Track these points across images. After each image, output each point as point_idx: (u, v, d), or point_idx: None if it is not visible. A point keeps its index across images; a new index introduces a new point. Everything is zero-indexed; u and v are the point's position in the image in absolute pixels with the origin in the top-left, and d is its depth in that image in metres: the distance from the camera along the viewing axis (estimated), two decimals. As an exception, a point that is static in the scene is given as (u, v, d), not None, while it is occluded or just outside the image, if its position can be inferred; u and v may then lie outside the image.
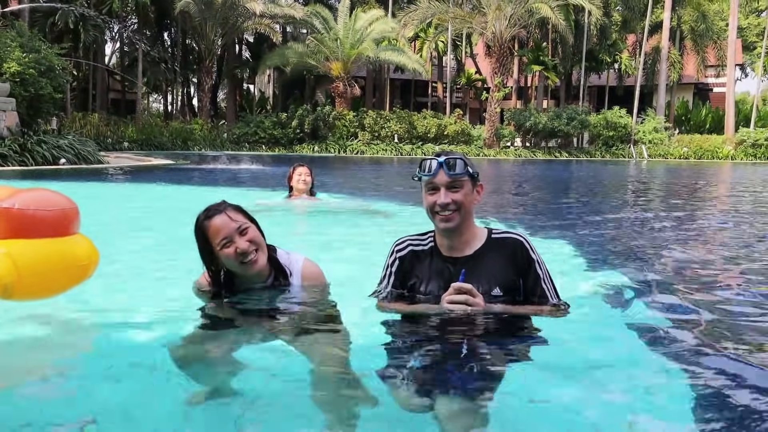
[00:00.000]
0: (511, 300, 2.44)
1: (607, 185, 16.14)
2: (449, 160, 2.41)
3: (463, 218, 2.42)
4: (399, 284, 2.57)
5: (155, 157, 22.31)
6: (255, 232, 2.56)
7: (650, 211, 9.09)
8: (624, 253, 5.03)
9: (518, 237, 2.52)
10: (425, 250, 2.54)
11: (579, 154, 39.32)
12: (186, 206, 8.38)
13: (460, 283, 2.35)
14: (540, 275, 2.47)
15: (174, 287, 3.07)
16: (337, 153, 33.97)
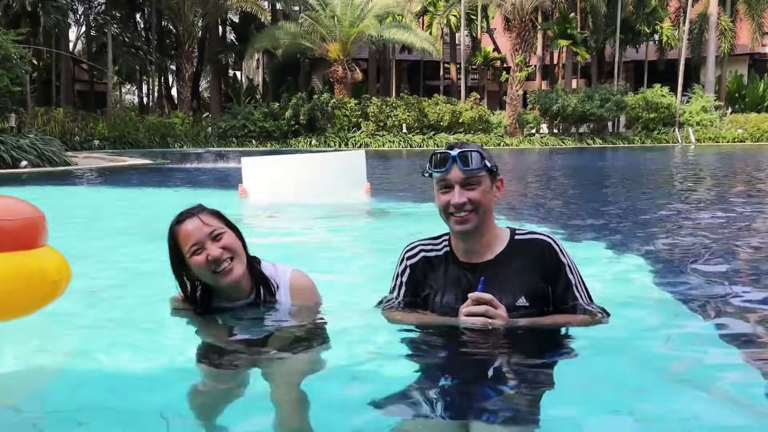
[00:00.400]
0: (538, 310, 2.44)
1: (649, 176, 16.05)
2: (464, 153, 2.39)
3: (481, 219, 2.41)
4: (411, 296, 2.57)
5: (130, 157, 22.40)
6: (231, 239, 2.56)
7: (700, 205, 9.03)
8: (671, 257, 5.01)
9: (545, 237, 2.51)
10: (439, 256, 2.54)
11: (615, 141, 39.16)
12: (168, 212, 8.40)
13: (478, 293, 2.34)
14: (572, 281, 2.46)
15: (151, 306, 3.08)
16: (337, 146, 34.00)
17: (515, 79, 38.08)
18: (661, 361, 2.59)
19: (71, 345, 2.85)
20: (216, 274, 2.51)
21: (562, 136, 39.37)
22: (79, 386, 2.41)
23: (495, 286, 2.38)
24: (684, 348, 2.77)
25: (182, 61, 38.56)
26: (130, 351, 2.68)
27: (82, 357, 2.68)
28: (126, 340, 2.80)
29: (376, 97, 38.67)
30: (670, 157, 25.88)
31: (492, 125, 38.68)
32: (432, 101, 38.31)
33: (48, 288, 2.42)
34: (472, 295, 2.34)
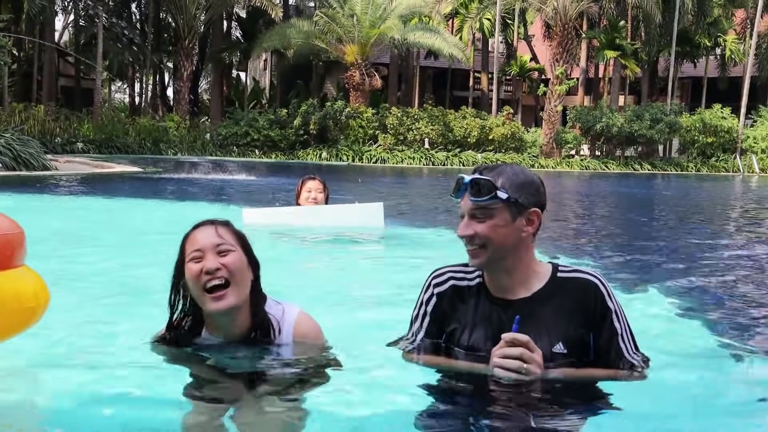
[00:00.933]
0: (576, 359, 2.41)
1: (707, 209, 15.96)
2: (477, 180, 2.40)
3: (494, 256, 2.40)
4: (435, 330, 2.56)
5: (117, 163, 22.59)
6: (237, 261, 2.56)
7: (764, 245, 8.95)
8: (734, 306, 4.95)
9: (592, 277, 2.48)
10: (471, 287, 2.53)
11: (666, 167, 39.00)
12: (158, 227, 8.44)
13: (513, 334, 2.31)
14: (618, 330, 2.43)
15: (135, 326, 3.08)
16: (350, 161, 34.12)
17: (554, 93, 38.10)
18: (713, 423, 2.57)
19: (44, 372, 2.86)
20: (205, 294, 2.51)
21: (606, 159, 39.25)
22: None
23: (530, 328, 2.35)
24: (739, 409, 2.73)
25: (181, 59, 38.96)
26: (111, 378, 2.70)
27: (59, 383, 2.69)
28: (107, 363, 2.82)
29: (397, 107, 38.85)
30: (731, 188, 25.70)
31: (526, 144, 38.67)
32: (459, 114, 38.39)
33: (23, 315, 2.41)
34: (507, 336, 2.32)
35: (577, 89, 43.37)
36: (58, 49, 43.57)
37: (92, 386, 2.68)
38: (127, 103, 55.05)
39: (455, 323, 2.52)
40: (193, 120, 39.42)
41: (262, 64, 52.61)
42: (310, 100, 37.42)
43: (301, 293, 4.62)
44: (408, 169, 32.32)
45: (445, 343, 2.55)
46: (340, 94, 42.48)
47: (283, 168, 27.13)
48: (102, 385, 2.69)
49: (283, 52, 41.53)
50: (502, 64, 47.96)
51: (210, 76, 49.12)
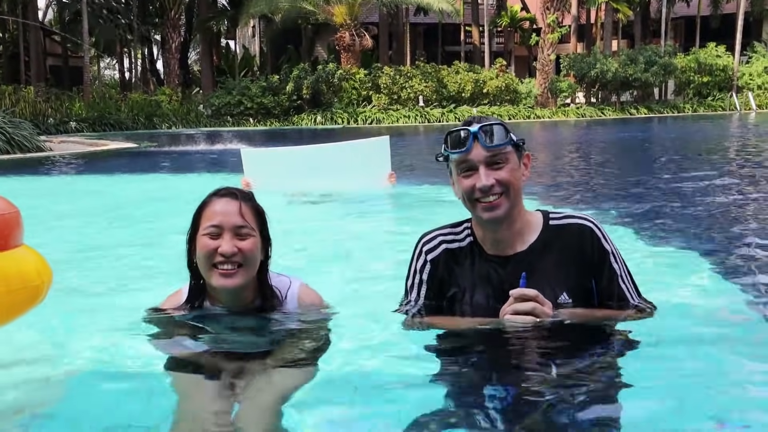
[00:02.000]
0: (582, 307, 2.42)
1: (704, 149, 15.92)
2: (486, 127, 2.35)
3: (512, 202, 2.37)
4: (434, 296, 2.54)
5: (112, 140, 22.48)
6: (254, 247, 2.53)
7: (762, 183, 8.94)
8: (728, 245, 4.96)
9: (586, 222, 2.48)
10: (463, 248, 2.51)
11: (663, 109, 38.85)
12: (156, 203, 8.43)
13: (522, 290, 2.32)
14: (617, 271, 2.44)
15: (135, 310, 3.10)
16: (346, 123, 33.98)
17: (546, 42, 37.79)
18: (718, 357, 2.60)
19: (47, 350, 2.88)
20: (213, 269, 2.50)
21: (602, 105, 39.09)
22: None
23: (532, 282, 2.36)
24: (740, 345, 2.78)
25: (168, 30, 38.63)
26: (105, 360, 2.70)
27: (56, 363, 2.71)
28: (104, 347, 2.82)
29: (389, 66, 38.54)
30: (728, 126, 25.61)
31: (521, 95, 38.45)
32: (452, 70, 38.12)
33: (29, 293, 2.43)
34: (515, 292, 2.32)
35: (569, 37, 42.94)
36: (43, 28, 43.13)
37: (91, 362, 2.69)
38: (117, 79, 54.65)
39: (454, 287, 2.51)
40: (185, 92, 39.21)
41: (251, 30, 52.07)
42: (302, 65, 37.13)
43: (305, 256, 4.64)
44: (404, 127, 32.18)
45: (448, 305, 2.54)
46: (331, 56, 42.15)
47: (279, 135, 27.03)
48: (100, 360, 2.70)
49: (271, 17, 41.09)
50: (493, 15, 47.42)
51: (199, 47, 48.60)
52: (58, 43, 45.97)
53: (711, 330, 2.97)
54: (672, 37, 46.44)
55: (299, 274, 2.89)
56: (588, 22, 46.95)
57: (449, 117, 35.52)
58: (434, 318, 2.52)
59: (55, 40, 46.14)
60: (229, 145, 19.26)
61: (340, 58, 38.21)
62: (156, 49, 50.94)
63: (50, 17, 50.47)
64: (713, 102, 39.43)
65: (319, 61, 40.72)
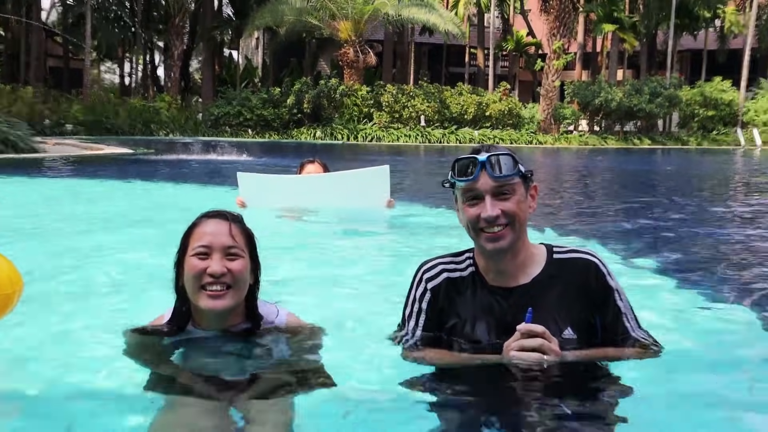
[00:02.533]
0: (586, 343, 2.38)
1: (708, 183, 15.91)
2: (494, 157, 2.35)
3: (517, 234, 2.37)
4: (433, 326, 2.50)
5: (108, 145, 22.47)
6: (243, 269, 2.50)
7: (761, 219, 8.90)
8: (729, 280, 4.90)
9: (590, 257, 2.47)
10: (464, 278, 2.49)
11: (666, 141, 39.01)
12: (150, 211, 8.32)
13: (529, 325, 2.25)
14: (621, 309, 2.43)
15: (120, 323, 3.00)
16: (345, 140, 34.04)
17: (551, 68, 37.97)
18: (723, 395, 2.55)
19: (20, 363, 2.79)
20: (202, 291, 2.46)
21: (605, 134, 39.25)
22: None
23: (536, 315, 2.30)
24: (746, 388, 2.71)
25: (171, 37, 38.75)
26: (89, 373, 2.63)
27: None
28: (85, 359, 2.76)
29: (392, 84, 38.70)
30: (732, 162, 25.66)
31: (523, 120, 38.60)
32: (455, 91, 38.29)
33: (0, 302, 2.35)
34: (522, 328, 2.26)
35: (574, 64, 43.24)
36: (46, 29, 43.31)
37: (72, 378, 2.63)
38: (116, 84, 54.73)
39: (454, 317, 2.47)
40: (185, 100, 39.33)
41: (255, 42, 52.32)
42: (304, 79, 37.28)
43: (301, 279, 4.53)
44: (404, 147, 32.24)
45: (447, 337, 2.48)
46: (333, 71, 42.31)
47: (277, 148, 27.03)
48: (81, 377, 2.63)
49: (276, 30, 41.26)
50: (499, 39, 47.71)
51: (201, 55, 48.81)
52: (59, 44, 46.12)
53: (722, 371, 2.91)
54: (678, 70, 46.71)
55: (289, 296, 2.81)
56: (594, 50, 47.26)
57: (450, 138, 35.60)
58: (433, 351, 2.45)
59: (56, 41, 46.28)
60: (226, 156, 19.24)
61: (343, 74, 38.37)
62: (158, 55, 51.12)
63: (53, 18, 50.66)
64: (718, 136, 39.62)
65: (322, 76, 40.85)
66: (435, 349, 2.46)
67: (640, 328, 2.49)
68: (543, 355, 2.24)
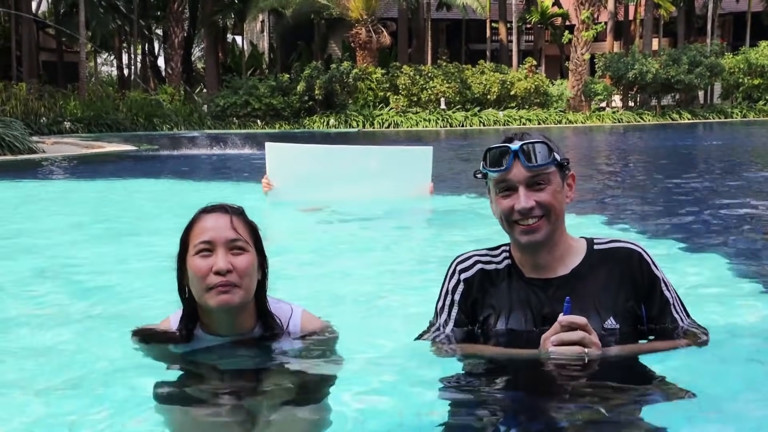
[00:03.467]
0: (630, 332, 2.41)
1: (757, 159, 15.77)
2: (527, 145, 2.38)
3: (553, 226, 2.41)
4: (466, 319, 2.55)
5: (109, 142, 22.62)
6: (249, 263, 2.49)
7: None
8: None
9: (634, 246, 2.51)
10: (500, 270, 2.53)
11: (708, 114, 38.63)
12: (155, 213, 8.42)
13: (570, 317, 2.26)
14: (669, 299, 2.47)
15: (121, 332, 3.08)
16: (361, 127, 34.03)
17: (580, 40, 37.69)
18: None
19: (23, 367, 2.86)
20: (209, 292, 2.44)
21: (640, 110, 38.95)
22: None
23: (575, 307, 2.32)
24: None
25: (170, 24, 38.86)
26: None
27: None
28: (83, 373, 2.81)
29: (408, 65, 38.61)
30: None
31: (551, 98, 38.38)
32: (476, 69, 38.14)
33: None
34: (563, 320, 2.27)
35: (605, 35, 42.91)
36: (37, 21, 43.54)
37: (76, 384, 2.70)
38: (115, 77, 55.06)
39: (488, 309, 2.51)
40: (188, 91, 39.38)
41: (260, 26, 52.35)
42: (314, 63, 37.24)
43: (320, 274, 4.61)
44: (424, 132, 32.20)
45: (480, 330, 2.53)
46: (345, 54, 42.28)
47: (289, 138, 26.90)
48: (85, 385, 2.70)
49: (282, 12, 41.26)
50: (522, 11, 47.38)
51: (203, 43, 48.95)
52: (52, 36, 46.37)
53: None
54: (719, 35, 46.24)
55: (313, 294, 2.86)
56: (626, 18, 46.87)
57: (473, 121, 35.49)
58: (468, 345, 2.50)
59: (49, 33, 46.54)
60: (235, 150, 19.33)
61: (355, 56, 38.32)
62: (157, 44, 51.34)
63: (44, 9, 50.99)
64: (765, 107, 39.17)
65: (333, 60, 40.85)
66: (467, 343, 2.51)
67: (689, 317, 2.52)
68: (584, 348, 2.25)
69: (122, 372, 2.74)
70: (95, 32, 44.48)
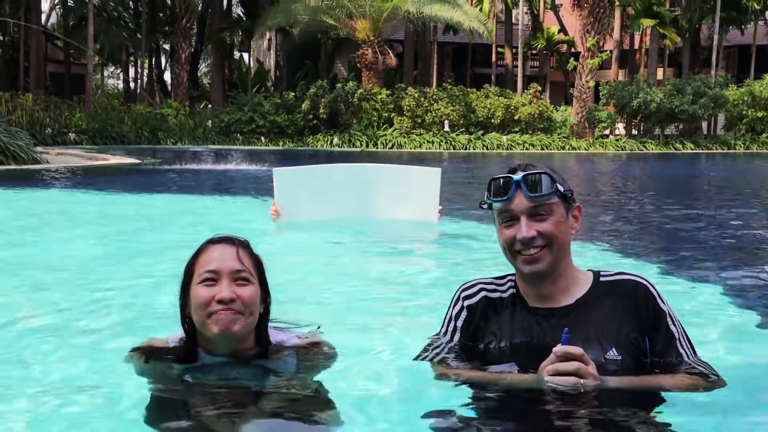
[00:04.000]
0: (632, 365, 2.39)
1: (760, 191, 15.78)
2: (529, 176, 2.41)
3: (556, 257, 2.43)
4: (467, 346, 2.58)
5: (113, 155, 22.67)
6: (253, 295, 2.53)
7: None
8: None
9: (640, 279, 2.51)
10: (504, 299, 2.56)
11: (712, 145, 38.72)
12: (158, 226, 8.39)
13: (566, 347, 2.26)
14: (675, 334, 2.45)
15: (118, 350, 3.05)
16: (364, 147, 34.11)
17: (585, 68, 37.84)
18: None
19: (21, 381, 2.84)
20: (210, 318, 2.47)
21: (643, 138, 39.03)
22: None
23: (578, 336, 2.34)
24: None
25: (178, 40, 39.07)
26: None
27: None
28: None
29: (413, 87, 38.76)
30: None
31: (555, 124, 38.48)
32: (481, 93, 38.28)
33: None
34: (558, 350, 2.27)
35: (610, 63, 43.10)
36: (46, 32, 43.79)
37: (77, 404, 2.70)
38: (121, 90, 55.28)
39: (490, 336, 2.54)
40: (193, 106, 39.58)
41: (267, 43, 52.66)
42: (319, 82, 37.43)
43: (327, 298, 4.58)
44: (427, 153, 32.25)
45: (481, 357, 2.53)
46: (351, 74, 42.47)
47: (292, 156, 27.14)
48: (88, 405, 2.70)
49: (289, 30, 41.50)
50: (528, 37, 47.64)
51: (210, 59, 49.16)
52: (60, 48, 46.63)
53: None
54: (723, 67, 46.44)
55: (315, 319, 2.86)
56: (631, 47, 47.09)
57: (477, 144, 35.57)
58: (466, 370, 2.50)
59: (57, 45, 46.80)
60: (238, 166, 19.36)
61: (361, 77, 38.47)
62: (164, 59, 51.60)
63: (53, 21, 51.28)
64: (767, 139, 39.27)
65: (339, 79, 41.01)
66: (468, 370, 2.50)
67: (696, 355, 2.49)
68: (579, 380, 2.24)
69: (115, 391, 2.72)
70: (103, 45, 44.80)
